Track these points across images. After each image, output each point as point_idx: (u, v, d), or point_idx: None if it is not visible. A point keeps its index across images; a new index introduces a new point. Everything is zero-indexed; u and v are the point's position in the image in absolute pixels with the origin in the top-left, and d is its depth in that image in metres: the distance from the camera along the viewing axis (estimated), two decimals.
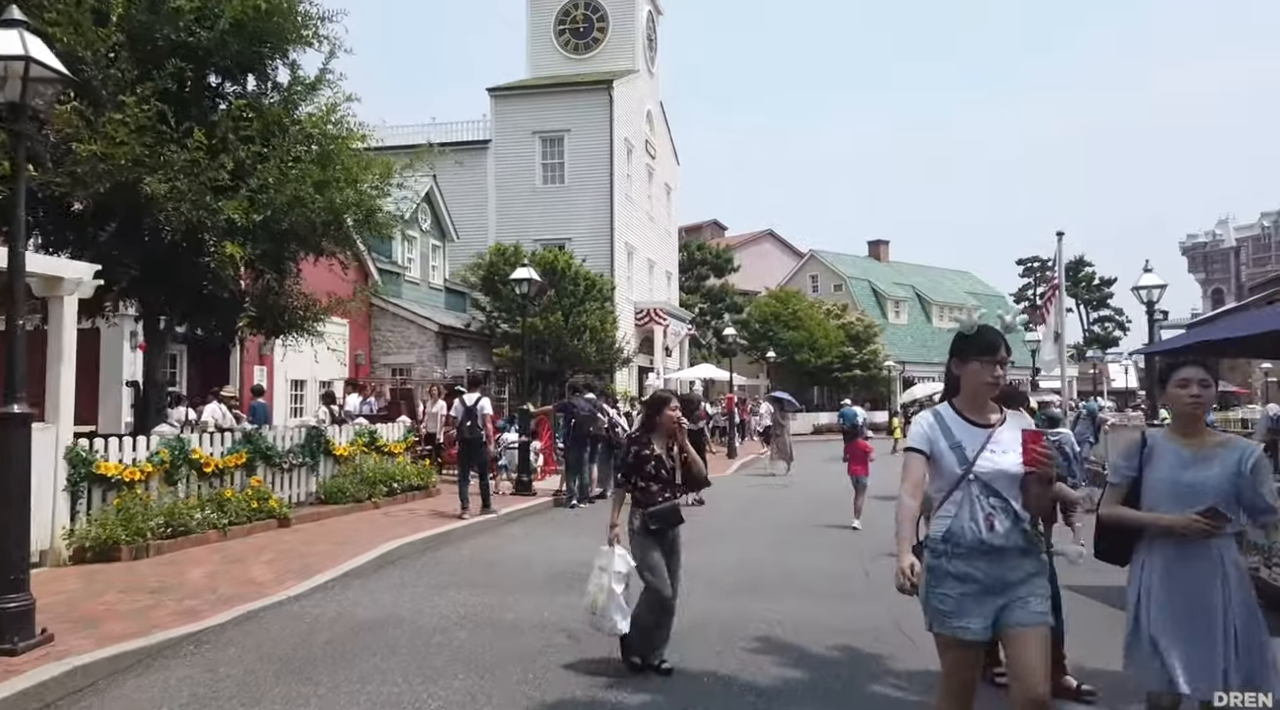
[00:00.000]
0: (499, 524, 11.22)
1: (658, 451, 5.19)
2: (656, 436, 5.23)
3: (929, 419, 3.21)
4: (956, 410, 3.17)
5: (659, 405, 5.31)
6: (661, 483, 5.16)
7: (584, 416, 13.34)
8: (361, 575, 7.83)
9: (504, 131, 27.20)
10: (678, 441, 5.26)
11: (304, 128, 10.43)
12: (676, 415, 5.20)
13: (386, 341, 21.63)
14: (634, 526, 5.17)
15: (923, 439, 3.16)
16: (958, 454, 3.05)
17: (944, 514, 3.08)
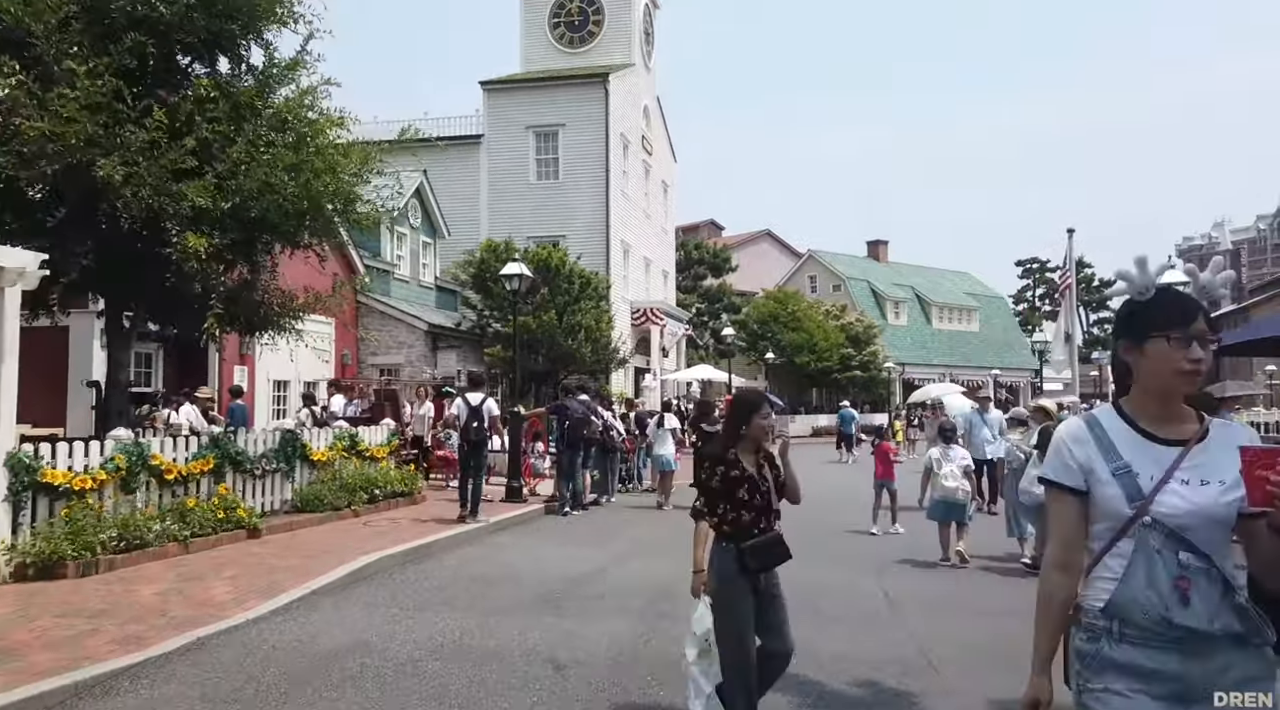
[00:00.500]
0: (487, 533, 10.53)
1: (749, 470, 4.09)
2: (744, 450, 4.14)
3: (1079, 431, 2.14)
4: (1125, 417, 2.12)
5: (748, 410, 4.18)
6: (756, 510, 4.07)
7: (577, 419, 12.66)
8: (331, 593, 7.14)
9: (497, 126, 26.52)
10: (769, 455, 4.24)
11: (279, 112, 9.77)
12: (769, 423, 4.18)
13: (374, 341, 20.94)
14: (719, 569, 4.05)
15: (1069, 468, 2.10)
16: (1126, 484, 2.03)
17: (1106, 574, 2.06)
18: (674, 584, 7.73)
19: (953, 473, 9.03)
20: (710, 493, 4.12)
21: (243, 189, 8.79)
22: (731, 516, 4.05)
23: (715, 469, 4.10)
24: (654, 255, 31.09)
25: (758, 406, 4.20)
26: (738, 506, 4.04)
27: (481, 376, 12.73)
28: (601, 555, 9.18)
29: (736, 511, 4.04)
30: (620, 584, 7.75)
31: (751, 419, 4.14)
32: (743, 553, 3.98)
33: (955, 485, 8.94)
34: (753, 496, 4.06)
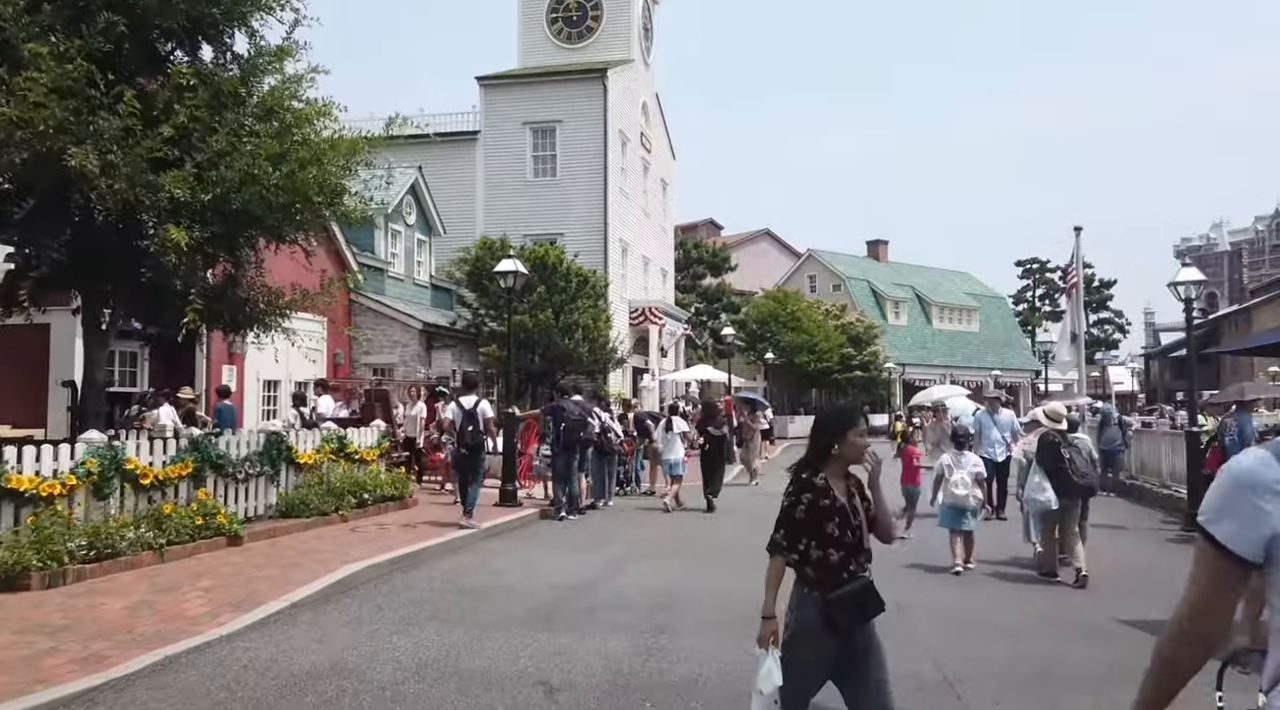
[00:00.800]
0: (479, 539, 10.14)
1: (840, 499, 3.39)
2: (834, 474, 3.44)
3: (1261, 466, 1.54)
4: None
5: (841, 424, 3.48)
6: (846, 548, 3.36)
7: (574, 421, 12.27)
8: (312, 606, 6.76)
9: (493, 122, 26.12)
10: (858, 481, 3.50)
11: (264, 101, 9.38)
12: (865, 443, 3.47)
13: (367, 340, 20.51)
14: (799, 620, 3.41)
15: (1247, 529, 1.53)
16: None
17: None
18: (672, 595, 7.36)
19: (963, 480, 8.79)
20: (792, 524, 3.42)
21: (224, 180, 8.40)
22: (817, 555, 3.35)
23: (800, 496, 3.40)
24: (653, 254, 30.71)
25: (852, 420, 3.50)
26: (825, 543, 3.34)
27: (475, 378, 12.35)
28: (597, 563, 8.80)
29: (823, 549, 3.34)
30: (617, 595, 7.37)
31: (846, 435, 3.41)
32: (830, 605, 3.30)
33: (965, 493, 8.73)
34: (844, 532, 3.35)
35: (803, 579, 3.42)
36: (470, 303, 20.41)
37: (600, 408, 14.10)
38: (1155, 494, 14.29)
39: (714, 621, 6.48)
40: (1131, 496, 15.03)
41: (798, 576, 3.46)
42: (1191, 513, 11.40)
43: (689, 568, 8.68)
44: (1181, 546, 10.37)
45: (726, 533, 11.42)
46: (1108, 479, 15.62)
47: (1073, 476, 8.42)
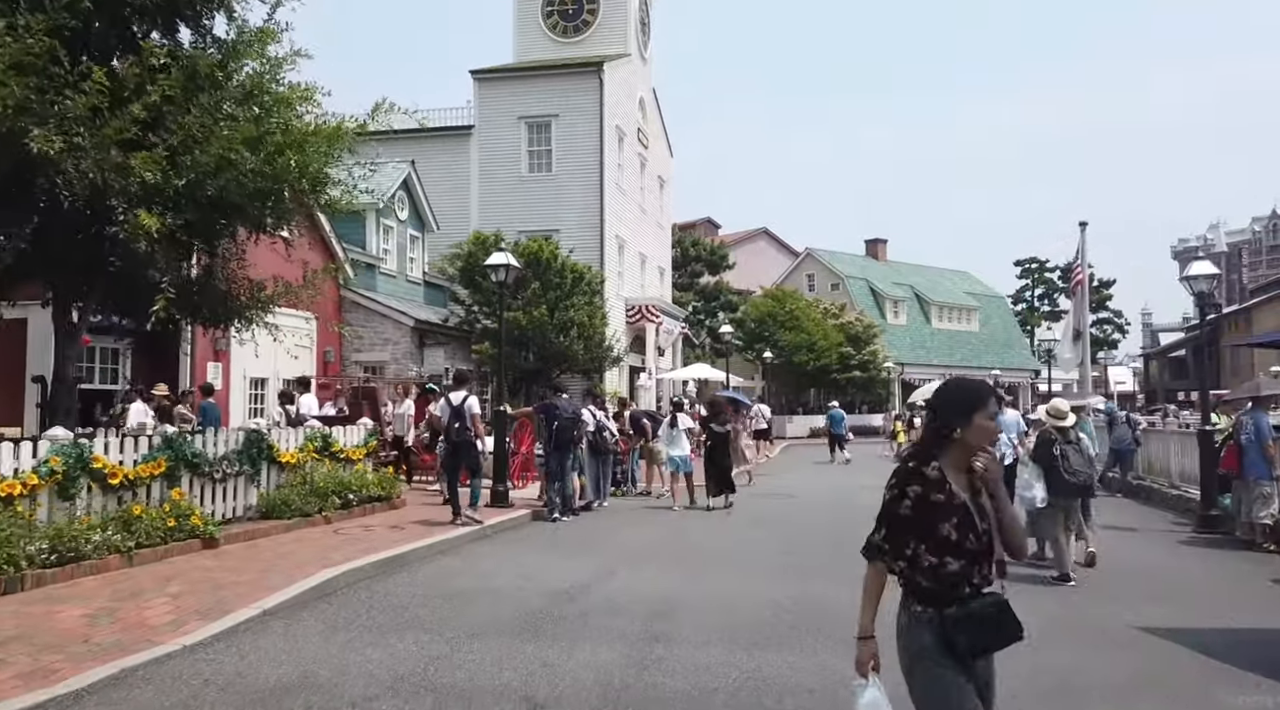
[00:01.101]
0: (467, 542, 9.75)
1: (960, 495, 2.74)
2: (952, 465, 2.77)
3: None
4: None
5: (967, 406, 2.78)
6: (968, 556, 2.71)
7: (567, 419, 11.88)
8: (286, 614, 6.36)
9: (488, 117, 25.70)
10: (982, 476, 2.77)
11: (244, 85, 8.98)
12: (996, 429, 2.87)
13: (358, 338, 20.09)
14: (910, 643, 2.77)
15: None
16: None
17: None
18: (670, 600, 6.97)
19: None
20: (896, 523, 2.77)
21: (198, 164, 8.00)
22: (929, 562, 2.69)
23: (906, 488, 2.74)
24: (650, 251, 30.31)
25: (981, 399, 2.77)
26: (940, 548, 2.68)
27: (466, 374, 11.97)
28: (590, 566, 8.41)
29: (938, 556, 2.68)
30: (610, 601, 6.98)
31: (972, 418, 2.72)
32: (947, 623, 2.67)
33: None
34: (965, 536, 2.69)
35: (912, 592, 2.77)
36: (463, 299, 19.99)
37: (595, 406, 13.71)
38: (1165, 495, 13.93)
39: (715, 630, 6.09)
40: (1140, 497, 14.67)
41: (905, 589, 2.81)
42: (1204, 514, 11.04)
43: (687, 571, 8.29)
44: (1194, 549, 10.01)
45: (727, 534, 11.04)
46: (1115, 479, 15.28)
47: (1064, 474, 8.18)
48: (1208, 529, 10.85)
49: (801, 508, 13.81)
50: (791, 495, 15.45)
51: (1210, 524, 10.88)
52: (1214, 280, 11.12)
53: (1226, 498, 10.86)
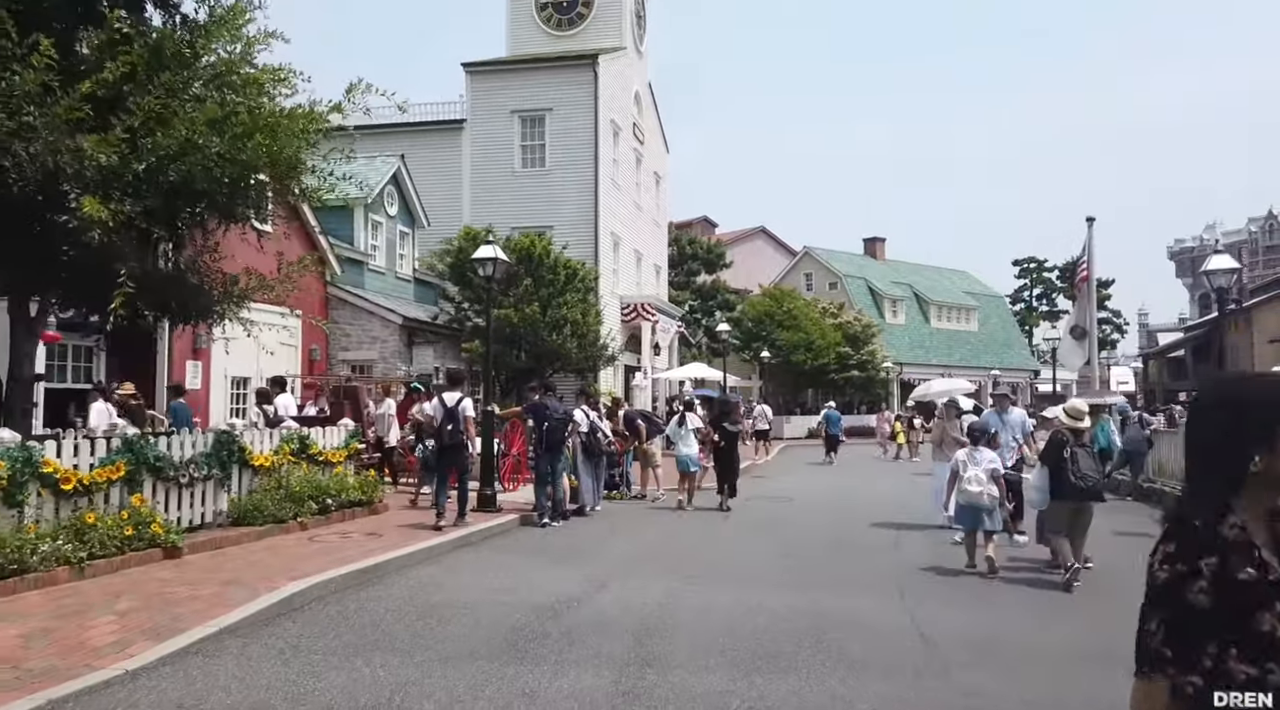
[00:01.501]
0: (449, 550, 9.21)
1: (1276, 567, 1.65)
2: (1255, 513, 1.70)
3: None
4: None
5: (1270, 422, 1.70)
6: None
7: (557, 420, 11.36)
8: (246, 632, 5.83)
9: (480, 111, 25.17)
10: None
11: (214, 67, 8.45)
12: None
13: (345, 335, 19.55)
14: None
15: None
16: None
17: None
18: (664, 616, 6.45)
19: (976, 477, 8.27)
20: (1186, 617, 1.66)
21: (159, 147, 7.46)
22: (1246, 676, 1.63)
23: (1198, 562, 1.66)
24: (645, 249, 29.79)
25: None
26: (1257, 651, 1.64)
27: (460, 374, 11.47)
28: (579, 576, 7.88)
29: (1257, 664, 1.63)
30: (599, 616, 6.46)
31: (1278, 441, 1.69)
32: None
33: (979, 490, 8.22)
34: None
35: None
36: (454, 296, 19.45)
37: (589, 406, 13.19)
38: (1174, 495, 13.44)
39: (713, 650, 5.58)
40: (1151, 501, 14.17)
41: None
42: None
43: (684, 582, 7.77)
44: None
45: (723, 539, 10.53)
46: (1125, 482, 14.78)
47: (1071, 477, 7.78)
48: None
49: (800, 511, 13.31)
50: (789, 498, 14.94)
51: None
52: (1234, 275, 10.64)
53: None
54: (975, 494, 8.26)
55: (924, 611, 6.74)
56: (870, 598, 7.19)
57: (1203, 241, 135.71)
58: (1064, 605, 7.14)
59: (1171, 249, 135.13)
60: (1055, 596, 7.45)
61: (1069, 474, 7.80)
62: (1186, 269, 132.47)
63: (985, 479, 8.33)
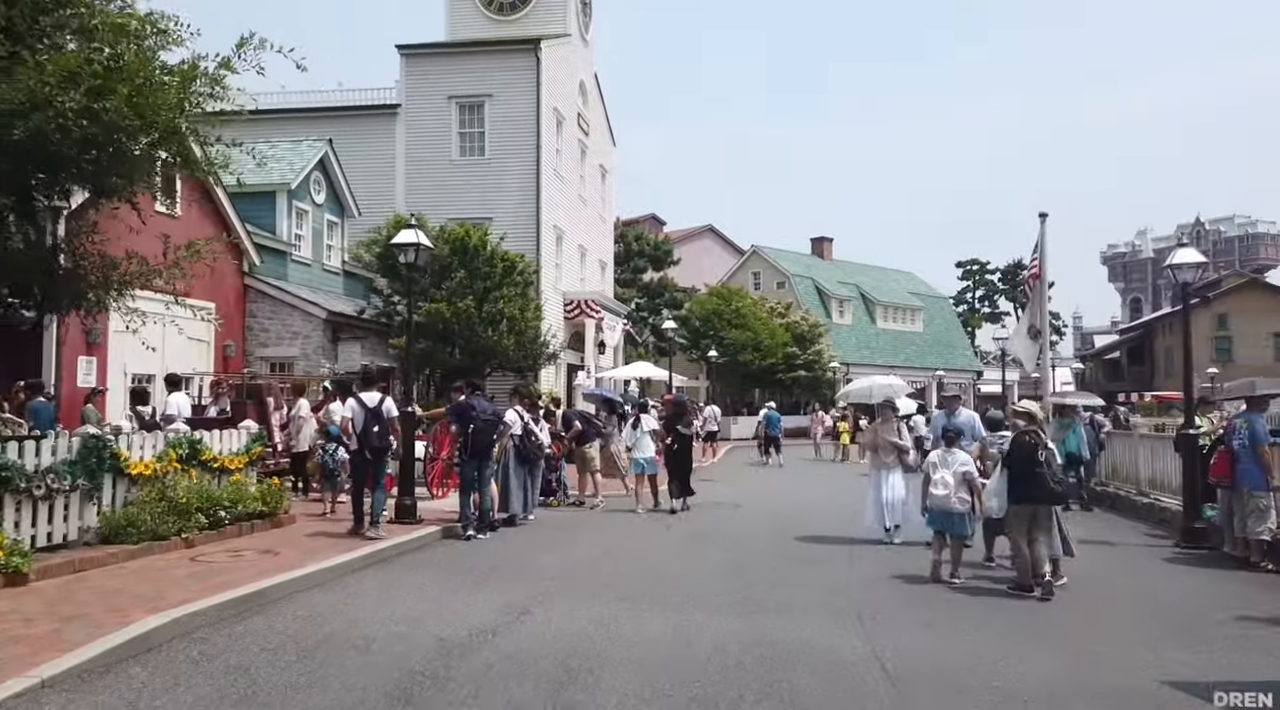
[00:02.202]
0: (355, 569, 8.17)
1: None
2: None
3: None
4: None
5: None
6: None
7: (485, 421, 10.37)
8: (76, 683, 4.76)
9: (416, 96, 23.93)
10: None
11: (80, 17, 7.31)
12: None
13: (264, 331, 18.24)
14: None
15: None
16: None
17: None
18: (589, 650, 5.54)
19: (944, 480, 7.92)
20: None
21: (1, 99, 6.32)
22: None
23: None
24: (590, 244, 28.84)
25: None
26: None
27: (376, 372, 10.42)
28: (500, 601, 6.94)
29: None
30: (515, 654, 5.52)
31: None
32: None
33: (946, 493, 7.87)
34: None
35: None
36: (382, 289, 18.25)
37: (524, 406, 12.20)
38: (1132, 503, 13.00)
39: (647, 698, 4.70)
40: (1104, 504, 13.74)
41: None
42: (1188, 527, 10.04)
43: (618, 605, 6.88)
44: (1186, 568, 8.97)
45: (665, 552, 9.66)
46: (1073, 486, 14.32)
47: (1050, 483, 7.33)
48: (1193, 543, 9.86)
49: (748, 519, 12.52)
50: (736, 504, 14.16)
51: (1195, 537, 9.89)
52: (1199, 270, 10.15)
53: (1210, 509, 9.90)
54: (942, 497, 7.87)
55: (885, 638, 5.96)
56: (825, 622, 6.38)
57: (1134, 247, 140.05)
58: (1042, 625, 6.43)
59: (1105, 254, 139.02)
60: (1031, 615, 6.75)
61: (1046, 478, 7.30)
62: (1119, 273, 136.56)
63: (954, 482, 7.87)
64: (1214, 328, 54.08)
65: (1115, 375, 65.94)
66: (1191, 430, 10.12)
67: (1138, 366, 63.71)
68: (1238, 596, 7.52)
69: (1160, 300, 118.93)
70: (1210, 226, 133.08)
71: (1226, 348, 53.21)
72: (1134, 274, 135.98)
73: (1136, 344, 67.07)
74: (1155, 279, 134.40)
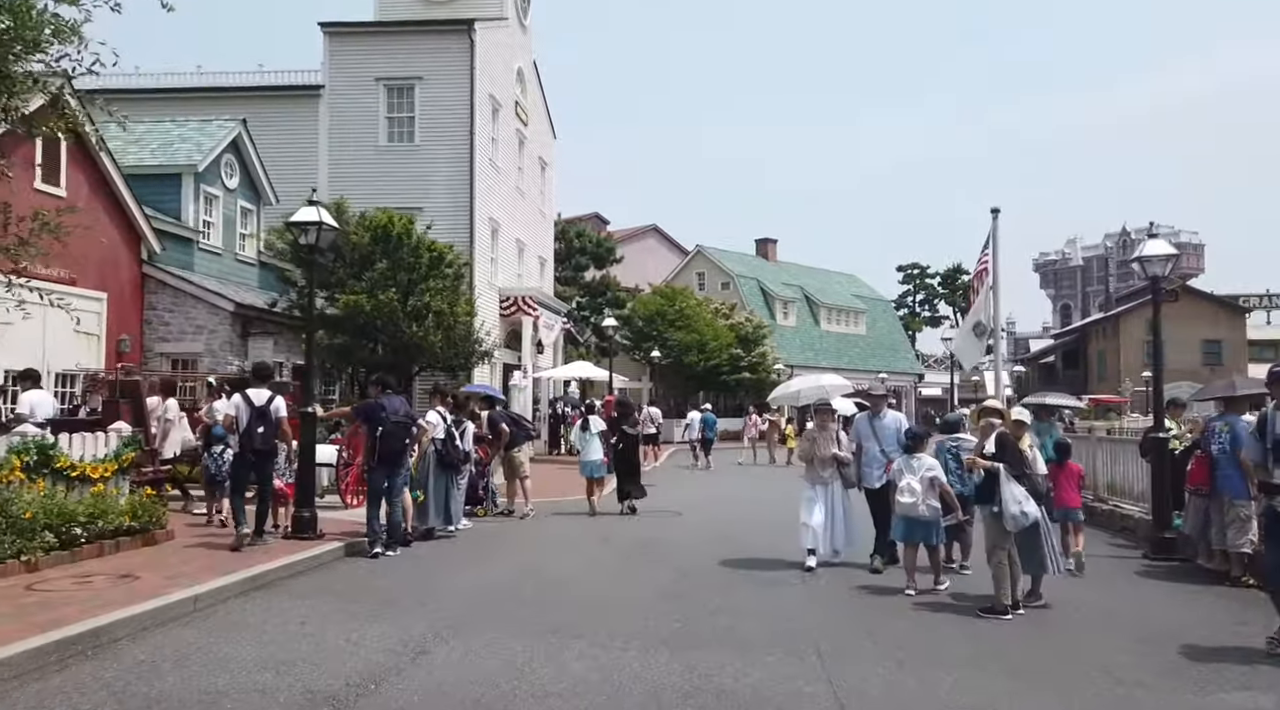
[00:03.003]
0: (231, 596, 6.94)
1: None
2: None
3: None
4: None
5: None
6: None
7: (395, 424, 9.19)
8: None
9: (341, 77, 22.47)
10: None
11: None
12: None
13: (165, 324, 16.69)
14: None
15: None
16: None
17: None
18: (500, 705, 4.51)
19: (910, 487, 7.39)
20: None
21: None
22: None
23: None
24: (529, 238, 27.64)
25: None
26: None
27: (267, 369, 9.16)
28: (398, 636, 5.82)
29: None
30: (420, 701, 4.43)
31: None
32: None
33: (913, 500, 7.35)
34: None
35: None
36: (296, 280, 16.86)
37: (445, 407, 11.04)
38: (1091, 509, 12.38)
39: None
40: None
41: None
42: (1158, 537, 9.40)
43: (536, 640, 5.81)
44: (1159, 583, 8.28)
45: (597, 570, 8.62)
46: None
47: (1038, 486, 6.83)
48: (1163, 555, 9.21)
49: (690, 529, 11.54)
50: (678, 512, 13.19)
51: (1164, 548, 9.25)
52: (1169, 262, 9.52)
53: (1178, 518, 9.27)
54: (909, 505, 7.35)
55: (850, 678, 5.03)
56: (779, 661, 5.41)
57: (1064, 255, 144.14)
58: (1023, 657, 5.58)
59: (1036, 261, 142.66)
60: (1009, 643, 5.90)
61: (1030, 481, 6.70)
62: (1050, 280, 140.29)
63: (920, 489, 7.33)
64: (1146, 332, 55.29)
65: (1050, 379, 67.05)
66: (1161, 433, 9.49)
67: (1072, 371, 64.90)
68: (1227, 616, 6.81)
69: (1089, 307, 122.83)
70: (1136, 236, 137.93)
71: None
72: (1064, 281, 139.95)
73: (1071, 348, 68.40)
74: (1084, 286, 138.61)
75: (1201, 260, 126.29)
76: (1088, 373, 61.76)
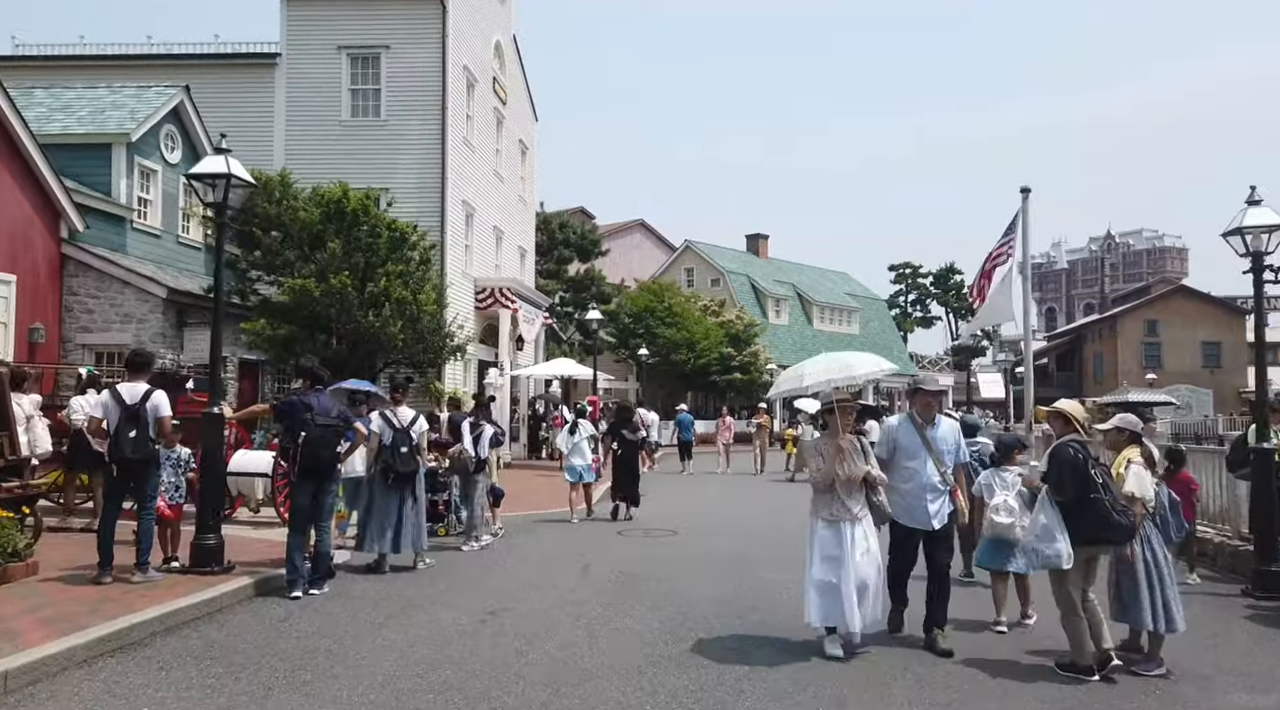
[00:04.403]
0: (67, 666, 5.06)
1: None
2: None
3: None
4: None
5: None
6: None
7: (321, 427, 7.30)
8: None
9: (300, 45, 20.49)
10: None
11: None
12: None
13: (88, 312, 14.72)
14: None
15: None
16: None
17: None
18: None
19: (1006, 504, 6.30)
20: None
21: None
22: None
23: None
24: (508, 226, 25.75)
25: None
26: None
27: (143, 358, 7.26)
28: None
29: None
30: None
31: None
32: None
33: (1010, 521, 6.21)
34: None
35: None
36: (238, 262, 14.91)
37: (390, 410, 9.12)
38: None
39: None
40: None
41: None
42: (1263, 570, 7.66)
43: None
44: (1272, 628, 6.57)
45: (575, 614, 6.70)
46: None
47: (1112, 512, 5.19)
48: (1270, 593, 7.49)
49: (688, 553, 9.69)
50: (673, 531, 11.36)
51: (1272, 585, 7.53)
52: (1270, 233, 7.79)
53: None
54: (1005, 526, 6.23)
55: None
56: None
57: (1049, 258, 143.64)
58: None
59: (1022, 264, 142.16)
60: None
61: (1104, 506, 5.18)
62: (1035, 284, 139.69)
63: (1018, 507, 6.21)
64: (1144, 334, 54.10)
65: (1045, 382, 65.71)
66: (1267, 445, 7.75)
67: (1066, 373, 63.66)
68: None
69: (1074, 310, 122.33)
70: (1120, 240, 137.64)
71: (1156, 354, 53.22)
72: (1049, 284, 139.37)
73: (1065, 350, 67.24)
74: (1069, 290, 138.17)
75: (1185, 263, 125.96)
76: (1082, 375, 60.46)
